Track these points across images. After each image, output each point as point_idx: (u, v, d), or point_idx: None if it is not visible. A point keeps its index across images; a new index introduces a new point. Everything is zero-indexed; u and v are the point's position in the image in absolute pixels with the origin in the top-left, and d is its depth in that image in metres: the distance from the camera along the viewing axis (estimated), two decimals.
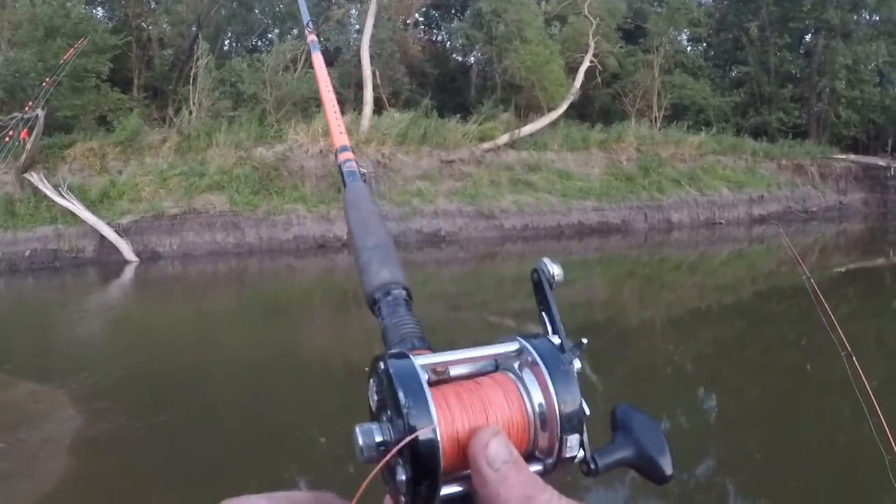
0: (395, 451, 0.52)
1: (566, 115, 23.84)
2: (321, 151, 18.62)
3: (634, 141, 23.69)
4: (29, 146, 16.36)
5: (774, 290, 14.21)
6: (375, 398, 0.58)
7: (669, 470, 0.62)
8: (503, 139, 21.26)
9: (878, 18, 31.38)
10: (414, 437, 0.52)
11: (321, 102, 1.31)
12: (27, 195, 16.54)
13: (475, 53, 27.48)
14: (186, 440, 6.28)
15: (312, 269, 16.86)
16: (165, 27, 24.17)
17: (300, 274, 16.60)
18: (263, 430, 6.52)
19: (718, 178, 24.44)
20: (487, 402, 0.57)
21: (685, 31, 30.24)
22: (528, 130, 22.12)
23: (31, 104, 16.56)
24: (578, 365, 0.62)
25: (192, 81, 19.97)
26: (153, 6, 24.11)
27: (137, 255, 16.16)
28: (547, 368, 0.58)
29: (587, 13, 24.76)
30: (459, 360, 0.62)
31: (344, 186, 1.09)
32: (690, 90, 27.24)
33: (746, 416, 7.08)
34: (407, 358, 0.57)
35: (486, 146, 20.95)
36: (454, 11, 29.70)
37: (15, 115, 16.55)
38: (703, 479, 5.66)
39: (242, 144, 18.46)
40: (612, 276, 16.87)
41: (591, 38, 24.54)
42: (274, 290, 15.13)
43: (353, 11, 25.01)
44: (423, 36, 28.04)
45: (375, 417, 0.57)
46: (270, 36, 25.71)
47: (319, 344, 10.59)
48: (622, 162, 23.14)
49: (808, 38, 31.38)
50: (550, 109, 23.22)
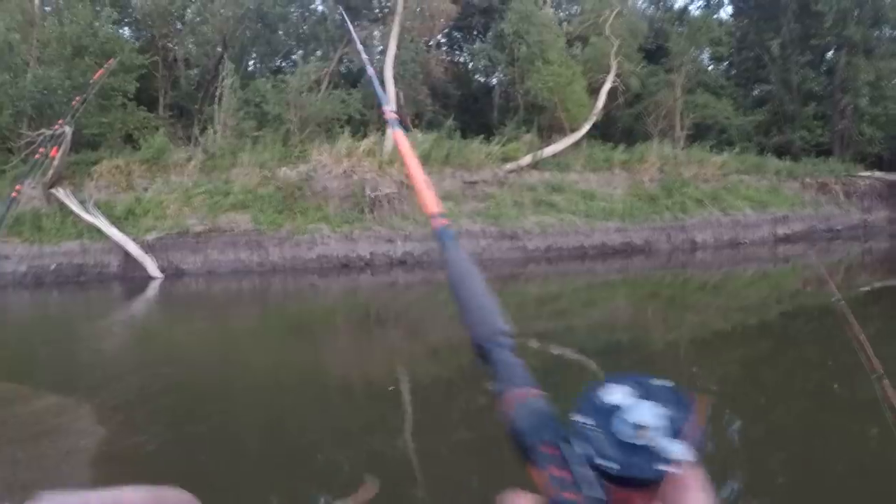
0: None
1: (589, 135, 23.83)
2: (344, 172, 18.75)
3: (657, 161, 23.67)
4: (56, 162, 16.55)
5: (801, 310, 14.10)
6: None
7: None
8: (526, 160, 21.32)
9: None
10: None
11: (410, 179, 1.43)
12: (54, 210, 16.81)
13: (498, 74, 27.52)
14: (208, 456, 6.26)
15: (336, 288, 16.90)
16: (191, 47, 24.35)
17: (323, 293, 16.64)
18: (285, 447, 6.49)
19: (742, 197, 24.33)
20: None
21: (707, 50, 30.19)
22: (550, 151, 22.16)
23: (60, 122, 16.75)
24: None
25: (217, 101, 20.19)
26: (179, 27, 24.28)
27: (162, 271, 16.31)
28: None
29: (609, 34, 24.77)
30: None
31: (443, 248, 1.25)
32: (713, 109, 27.15)
33: (772, 438, 6.98)
34: None
35: (508, 167, 21.01)
36: (476, 33, 29.75)
37: (42, 131, 16.74)
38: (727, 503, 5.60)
39: (266, 164, 18.62)
40: (635, 297, 16.78)
41: (612, 58, 24.53)
42: (297, 308, 15.17)
43: (375, 33, 25.13)
44: (445, 57, 28.08)
45: None
46: (294, 57, 25.86)
47: (342, 363, 10.56)
48: (645, 182, 23.12)
49: (829, 55, 31.16)
50: (573, 130, 23.20)
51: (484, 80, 29.72)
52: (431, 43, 26.22)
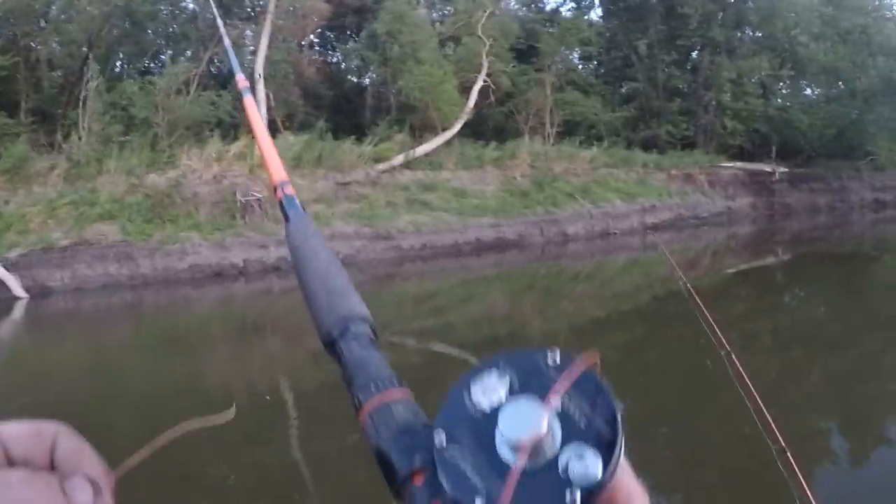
0: None
1: (460, 134, 24.23)
2: (214, 177, 18.53)
3: (528, 157, 24.25)
4: None
5: (668, 294, 14.63)
6: None
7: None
8: (398, 160, 21.53)
9: (760, 35, 32.80)
10: None
11: (256, 143, 1.34)
12: None
13: (370, 74, 27.66)
14: None
15: (210, 298, 16.72)
16: (55, 47, 23.51)
17: (198, 304, 16.44)
18: (163, 463, 6.51)
19: (611, 190, 25.17)
20: None
21: (576, 50, 31.09)
22: (422, 150, 22.43)
23: None
24: None
25: (81, 105, 19.51)
26: (43, 25, 23.40)
27: (27, 290, 15.65)
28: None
29: (481, 34, 25.19)
30: None
31: (286, 221, 1.02)
32: (582, 107, 27.99)
33: (638, 418, 7.44)
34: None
35: (381, 167, 21.17)
36: (349, 33, 29.75)
37: None
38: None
39: (134, 171, 18.12)
40: (511, 290, 17.23)
41: (484, 58, 24.95)
42: (171, 321, 14.97)
43: (247, 32, 24.87)
44: (318, 57, 28.06)
45: None
46: (163, 57, 25.30)
47: (219, 374, 10.60)
48: (517, 178, 23.65)
49: (694, 54, 32.53)
50: (445, 129, 23.55)
51: (356, 80, 29.79)
52: (304, 43, 26.14)
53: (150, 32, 25.71)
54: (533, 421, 0.52)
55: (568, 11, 32.69)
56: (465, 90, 24.75)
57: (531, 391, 0.55)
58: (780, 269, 18.86)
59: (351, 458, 6.05)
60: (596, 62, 34.12)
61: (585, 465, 0.51)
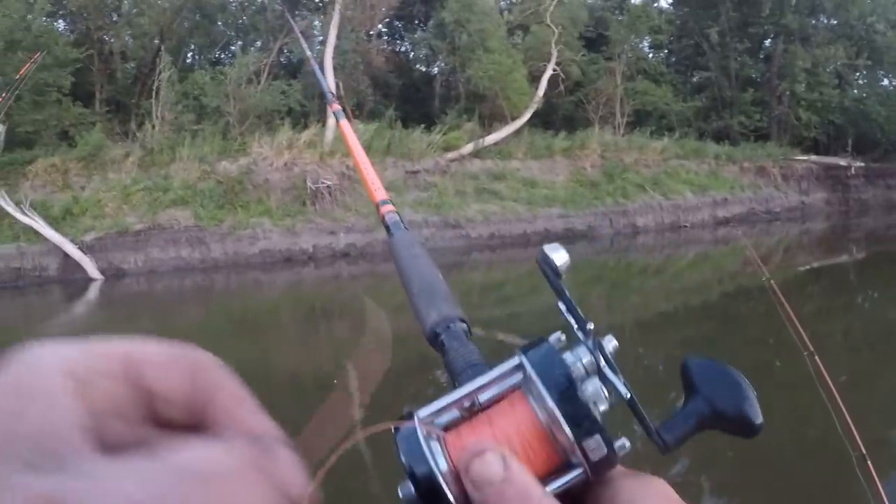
0: None
1: (530, 123, 23.97)
2: (285, 164, 18.64)
3: (598, 147, 23.92)
4: None
5: (741, 290, 14.42)
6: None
7: (757, 418, 0.56)
8: (467, 149, 21.38)
9: (835, 22, 31.86)
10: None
11: (356, 166, 1.39)
12: None
13: (438, 63, 27.55)
14: None
15: (279, 282, 16.83)
16: (128, 40, 23.93)
17: (267, 288, 16.55)
18: None
19: (682, 181, 24.72)
20: (498, 427, 0.54)
21: (646, 38, 30.55)
22: (492, 139, 22.24)
23: None
24: (614, 344, 0.57)
25: (154, 95, 19.82)
26: (115, 19, 23.80)
27: (102, 272, 16.01)
28: (541, 379, 0.54)
29: (549, 22, 24.90)
30: (462, 397, 0.57)
31: (390, 237, 1.11)
32: (652, 96, 27.50)
33: None
34: (411, 417, 0.54)
35: (450, 156, 21.06)
36: (417, 22, 29.74)
37: None
38: (676, 478, 5.73)
39: (206, 158, 18.37)
40: (579, 281, 16.96)
41: (553, 46, 24.68)
42: (241, 304, 15.08)
43: (315, 23, 25.00)
44: (386, 47, 28.04)
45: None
46: (233, 48, 25.57)
47: (288, 358, 10.59)
48: (586, 168, 23.36)
49: (767, 42, 31.82)
50: (514, 118, 23.32)
51: (425, 69, 29.72)
52: (372, 32, 26.12)
53: (220, 24, 26.05)
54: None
55: None
56: (534, 79, 24.53)
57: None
58: (854, 267, 18.25)
59: None
60: (666, 50, 33.59)
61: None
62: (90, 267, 15.91)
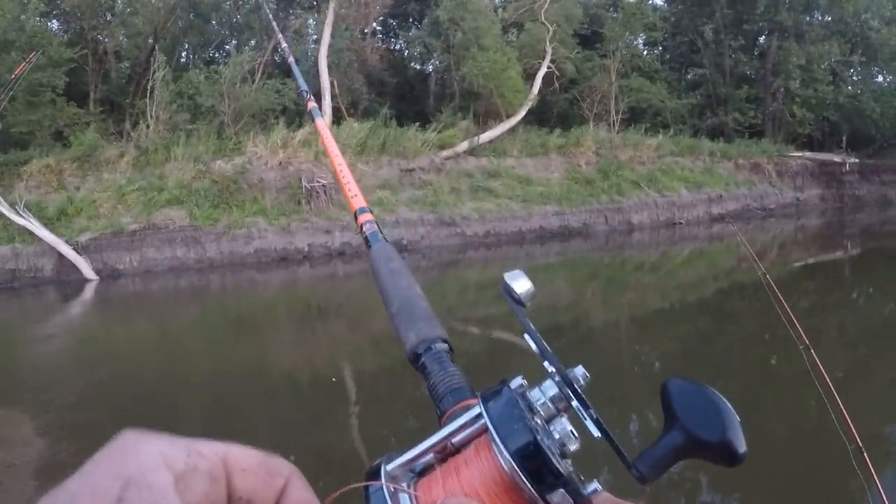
0: None
1: (525, 121, 24.01)
2: (280, 163, 18.63)
3: (593, 145, 23.95)
4: None
5: (736, 286, 14.47)
6: None
7: (741, 447, 0.54)
8: (462, 146, 21.38)
9: (829, 19, 31.89)
10: None
11: (332, 168, 1.34)
12: None
13: (433, 61, 27.51)
14: None
15: (275, 282, 16.79)
16: (122, 39, 23.88)
17: (263, 287, 16.52)
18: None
19: (677, 178, 24.75)
20: (464, 478, 0.53)
21: (641, 35, 30.60)
22: (487, 137, 22.24)
23: None
24: (583, 374, 0.57)
25: (149, 94, 19.77)
26: (109, 18, 23.74)
27: (97, 272, 15.97)
28: (500, 432, 0.53)
29: (544, 20, 24.94)
30: (432, 446, 0.58)
31: (368, 249, 1.10)
32: (647, 93, 27.54)
33: None
34: (379, 473, 0.55)
35: (445, 154, 21.05)
36: (412, 20, 29.73)
37: None
38: (674, 473, 5.74)
39: (201, 158, 18.32)
40: (575, 279, 17.00)
41: (548, 44, 24.72)
42: (237, 304, 15.05)
43: (310, 21, 24.97)
44: (380, 45, 28.05)
45: None
46: (228, 47, 25.56)
47: (285, 357, 10.56)
48: (581, 166, 23.37)
49: (761, 39, 31.88)
50: (509, 116, 23.35)
51: (419, 67, 29.64)
52: (367, 31, 26.10)
53: (214, 23, 26.04)
54: None
55: None
56: (528, 77, 24.57)
57: None
58: (849, 263, 18.29)
59: (413, 437, 5.92)
60: (661, 48, 33.72)
61: None
62: (85, 267, 15.88)
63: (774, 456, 5.81)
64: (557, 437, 0.54)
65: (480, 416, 0.56)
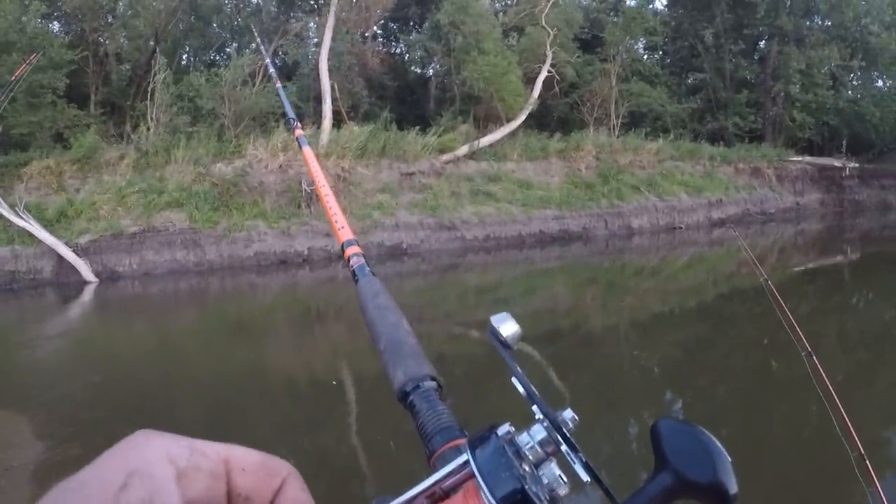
0: None
1: (525, 125, 24.00)
2: (280, 167, 18.60)
3: (593, 149, 23.92)
4: None
5: (736, 291, 14.45)
6: None
7: (732, 488, 0.54)
8: (463, 150, 21.36)
9: (829, 23, 31.88)
10: None
11: (319, 198, 1.33)
12: None
13: (434, 65, 27.55)
14: None
15: (275, 285, 16.77)
16: (123, 42, 23.90)
17: (262, 291, 16.50)
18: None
19: (677, 183, 24.73)
20: None
21: (641, 39, 30.66)
22: (487, 141, 22.24)
23: None
24: (572, 417, 0.58)
25: (149, 97, 19.75)
26: (110, 20, 23.75)
27: (97, 275, 15.96)
28: (487, 482, 0.53)
29: (544, 24, 24.94)
30: (417, 494, 0.57)
31: (355, 283, 1.09)
32: (647, 98, 27.52)
33: (714, 416, 7.21)
34: None
35: (445, 158, 21.03)
36: (412, 24, 29.73)
37: None
38: None
39: (201, 160, 18.29)
40: (575, 283, 16.98)
41: (548, 48, 24.72)
42: (237, 307, 15.01)
43: (311, 24, 24.98)
44: (381, 48, 28.04)
45: None
46: (228, 50, 25.55)
47: (284, 360, 10.54)
48: (581, 170, 23.35)
49: (762, 44, 31.94)
50: (509, 120, 23.33)
51: (420, 71, 29.70)
52: (367, 34, 26.10)
53: (214, 26, 26.08)
54: None
55: (632, 0, 32.30)
56: (529, 81, 24.55)
57: None
58: (849, 268, 18.28)
59: (407, 443, 5.99)
60: (661, 52, 33.78)
61: None
62: (85, 269, 15.86)
63: (776, 462, 5.81)
64: (546, 481, 0.55)
65: (468, 462, 0.56)
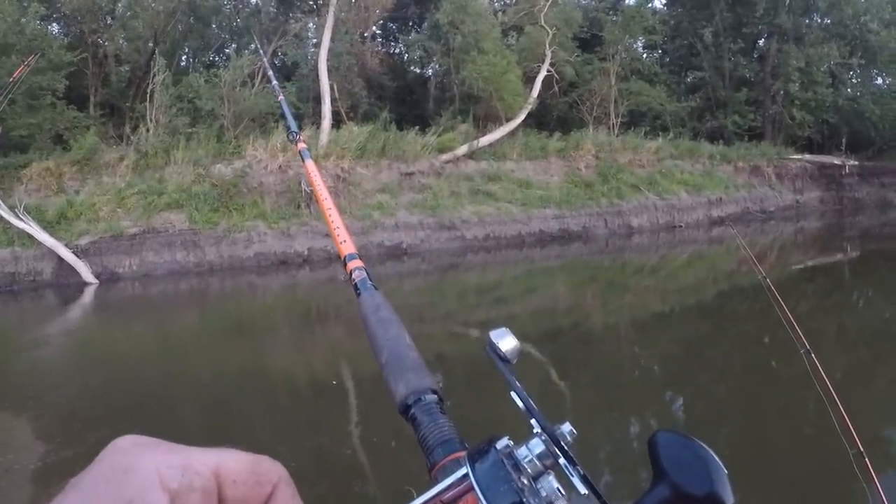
0: None
1: (524, 124, 24.01)
2: (280, 167, 18.60)
3: (593, 148, 23.92)
4: None
5: (736, 289, 14.46)
6: None
7: (728, 499, 0.55)
8: (462, 150, 21.36)
9: (829, 21, 31.87)
10: None
11: (321, 210, 1.32)
12: None
13: (433, 65, 27.49)
14: None
15: (275, 285, 16.76)
16: (122, 43, 23.85)
17: (262, 291, 16.49)
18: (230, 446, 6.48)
19: (677, 181, 24.73)
20: None
21: (640, 38, 30.62)
22: (486, 141, 22.24)
23: None
24: (570, 430, 0.59)
25: (149, 98, 19.72)
26: (109, 22, 23.73)
27: (96, 276, 15.95)
28: (486, 495, 0.54)
29: (543, 23, 24.96)
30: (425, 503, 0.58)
31: (357, 296, 1.11)
32: (647, 96, 27.53)
33: (713, 414, 7.23)
34: None
35: (445, 157, 21.03)
36: (411, 24, 29.73)
37: None
38: None
39: (201, 161, 18.29)
40: (575, 282, 16.99)
41: (547, 47, 24.74)
42: (237, 307, 15.00)
43: (310, 25, 24.98)
44: (380, 49, 28.04)
45: None
46: (228, 51, 25.58)
47: (284, 360, 10.55)
48: (581, 169, 23.35)
49: (761, 42, 31.96)
50: (508, 119, 23.34)
51: (419, 70, 29.67)
52: (366, 34, 26.09)
53: (214, 27, 26.05)
54: None
55: None
56: (528, 80, 24.57)
57: None
58: (849, 266, 18.30)
59: (407, 445, 5.86)
60: (660, 51, 33.75)
61: None
62: (85, 271, 15.86)
63: (775, 460, 5.82)
64: (544, 494, 0.56)
65: (468, 475, 0.57)
